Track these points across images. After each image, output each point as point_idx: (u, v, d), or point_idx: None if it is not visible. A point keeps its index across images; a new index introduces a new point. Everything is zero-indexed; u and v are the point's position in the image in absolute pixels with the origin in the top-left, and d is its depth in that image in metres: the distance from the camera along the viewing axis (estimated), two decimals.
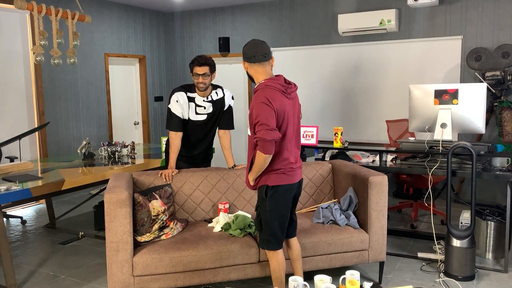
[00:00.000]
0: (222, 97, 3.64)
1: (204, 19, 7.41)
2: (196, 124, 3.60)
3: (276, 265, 2.72)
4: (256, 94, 2.53)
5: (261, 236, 2.73)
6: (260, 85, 2.55)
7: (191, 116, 3.56)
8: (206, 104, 3.57)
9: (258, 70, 2.59)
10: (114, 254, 2.81)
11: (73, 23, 4.41)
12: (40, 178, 3.68)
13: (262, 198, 2.66)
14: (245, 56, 2.60)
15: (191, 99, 3.54)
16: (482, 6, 5.40)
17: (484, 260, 3.75)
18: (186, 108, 3.52)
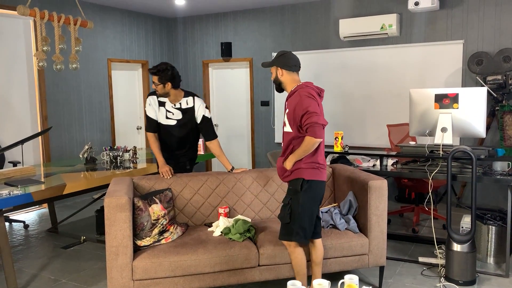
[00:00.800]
0: (192, 107, 3.62)
1: (206, 25, 7.46)
2: (167, 129, 3.65)
3: (299, 258, 2.85)
4: (296, 93, 2.75)
5: (288, 228, 2.80)
6: (299, 86, 2.78)
7: (162, 120, 3.64)
8: (175, 110, 3.62)
9: (294, 78, 2.86)
10: (114, 258, 2.82)
11: (75, 29, 4.45)
12: (42, 183, 3.71)
13: (295, 191, 2.77)
14: (285, 64, 2.82)
15: (162, 104, 3.63)
16: (483, 11, 5.41)
17: (485, 264, 3.74)
18: (157, 110, 3.63)
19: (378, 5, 6.01)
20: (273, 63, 2.87)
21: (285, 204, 2.81)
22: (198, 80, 7.67)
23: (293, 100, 2.76)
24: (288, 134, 2.81)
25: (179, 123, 3.64)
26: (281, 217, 2.84)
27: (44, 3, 5.61)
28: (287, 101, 2.82)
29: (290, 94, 2.81)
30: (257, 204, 3.60)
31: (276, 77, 2.87)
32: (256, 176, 3.64)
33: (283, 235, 2.85)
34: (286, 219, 2.79)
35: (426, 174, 3.70)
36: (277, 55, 2.87)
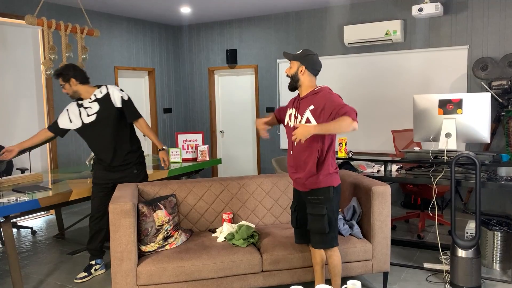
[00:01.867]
0: (106, 93, 3.64)
1: (211, 32, 7.52)
2: (92, 127, 3.62)
3: (339, 260, 2.87)
4: (322, 93, 2.76)
5: (328, 236, 2.78)
6: (323, 88, 2.80)
7: (85, 120, 3.63)
8: (92, 104, 3.63)
9: (313, 80, 2.85)
10: (118, 264, 2.85)
11: (82, 38, 4.52)
12: (49, 189, 3.76)
13: (327, 199, 2.76)
14: (312, 66, 2.80)
15: (80, 105, 3.65)
16: (487, 16, 5.41)
17: (491, 270, 3.71)
18: (77, 114, 3.63)
19: (382, 11, 6.03)
20: (299, 59, 2.79)
21: (321, 214, 2.73)
22: (204, 87, 7.73)
23: (320, 98, 2.72)
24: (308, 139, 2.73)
25: (99, 115, 3.59)
26: (318, 228, 2.75)
27: (51, 12, 5.70)
28: (307, 99, 2.77)
29: (311, 93, 2.78)
30: (261, 210, 3.62)
31: (296, 73, 2.80)
32: (261, 182, 3.66)
33: (324, 244, 2.80)
34: (326, 229, 2.75)
35: (430, 179, 3.69)
36: (304, 53, 2.80)
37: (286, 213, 3.66)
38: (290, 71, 2.84)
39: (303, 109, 2.79)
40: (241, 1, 6.03)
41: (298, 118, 2.81)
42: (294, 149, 2.83)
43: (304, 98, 2.81)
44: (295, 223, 2.98)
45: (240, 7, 6.37)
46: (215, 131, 7.77)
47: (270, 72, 7.05)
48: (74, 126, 3.67)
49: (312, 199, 2.78)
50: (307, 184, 2.79)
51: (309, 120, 2.74)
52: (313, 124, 2.63)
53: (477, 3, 5.46)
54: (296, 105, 2.86)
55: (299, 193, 2.92)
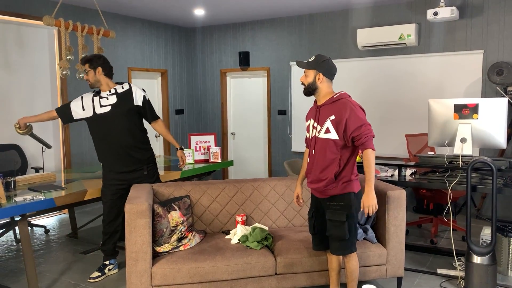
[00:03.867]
0: (128, 89, 3.67)
1: (224, 34, 7.55)
2: (103, 119, 3.58)
3: (357, 265, 2.86)
4: (342, 101, 2.72)
5: (346, 243, 2.76)
6: (343, 95, 2.76)
7: (97, 110, 3.59)
8: (109, 96, 3.63)
9: (330, 86, 2.82)
10: (133, 264, 2.87)
11: (98, 39, 4.56)
12: (64, 189, 3.79)
13: (348, 205, 2.74)
14: (328, 71, 2.77)
15: (96, 94, 3.66)
16: (503, 20, 5.36)
17: (506, 278, 3.67)
18: (90, 104, 3.61)
19: (396, 15, 6.01)
20: (314, 66, 2.75)
21: (342, 221, 2.71)
22: (216, 89, 7.75)
23: (341, 108, 2.68)
24: (329, 141, 2.71)
25: (114, 109, 3.57)
26: (338, 235, 2.73)
27: (67, 13, 5.76)
28: (327, 107, 2.74)
29: (332, 101, 2.74)
30: (274, 212, 3.62)
31: (313, 81, 2.76)
32: (274, 185, 3.66)
33: (344, 250, 2.78)
34: (346, 236, 2.72)
35: (445, 184, 3.66)
36: (318, 60, 2.75)
37: (299, 216, 3.66)
38: (306, 80, 2.78)
39: (323, 118, 2.75)
40: (254, 4, 6.04)
41: (318, 128, 2.77)
42: (315, 161, 2.79)
43: (323, 106, 2.77)
44: (312, 230, 2.92)
45: (253, 9, 6.39)
46: (226, 133, 7.79)
47: (283, 74, 7.05)
48: (84, 115, 3.63)
49: (333, 205, 2.75)
50: (327, 191, 2.76)
51: (329, 130, 2.71)
52: (368, 190, 2.64)
53: (493, 7, 5.41)
54: (315, 115, 2.81)
55: (317, 200, 2.88)
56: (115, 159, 3.64)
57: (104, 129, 3.60)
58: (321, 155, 2.75)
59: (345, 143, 2.70)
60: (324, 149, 2.73)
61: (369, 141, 2.63)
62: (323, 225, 2.86)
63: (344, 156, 2.73)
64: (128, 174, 3.68)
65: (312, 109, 2.91)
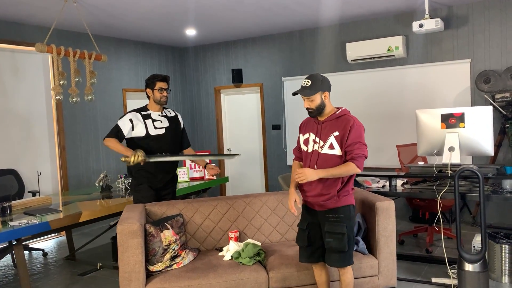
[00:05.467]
0: (175, 115, 3.92)
1: (217, 52, 7.67)
2: (155, 138, 3.71)
3: (352, 278, 2.88)
4: (346, 117, 2.78)
5: (346, 254, 2.78)
6: (344, 111, 2.82)
7: (151, 131, 3.70)
8: (162, 118, 3.80)
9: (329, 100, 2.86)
10: (127, 284, 2.90)
11: (90, 63, 4.66)
12: (59, 211, 3.84)
13: (348, 217, 2.78)
14: (329, 87, 2.82)
15: (147, 116, 3.75)
16: (488, 30, 5.47)
17: (500, 284, 3.69)
18: (141, 125, 3.69)
19: (384, 28, 6.12)
20: (318, 89, 2.73)
21: (342, 233, 2.72)
22: (210, 106, 7.84)
23: (345, 124, 2.73)
24: (333, 157, 2.73)
25: (168, 130, 3.78)
26: (338, 247, 2.73)
27: (61, 39, 5.88)
28: (330, 123, 2.77)
29: (335, 117, 2.78)
30: (267, 227, 3.66)
31: (321, 102, 2.76)
32: (266, 200, 3.71)
33: (343, 262, 2.78)
34: (346, 247, 2.74)
35: (435, 194, 3.71)
36: (317, 80, 2.75)
37: (292, 230, 3.69)
38: (313, 104, 2.76)
39: (326, 134, 2.76)
40: (245, 23, 6.16)
41: (320, 143, 2.77)
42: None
43: (326, 122, 2.79)
44: (305, 242, 2.89)
45: (244, 28, 6.51)
46: (222, 150, 7.85)
47: (276, 90, 7.15)
48: (136, 134, 3.69)
49: (332, 217, 2.75)
50: (326, 205, 2.78)
51: (333, 146, 2.73)
52: (320, 170, 2.69)
53: (478, 18, 5.52)
54: (317, 130, 2.82)
55: (313, 212, 2.87)
56: (157, 175, 3.76)
57: (155, 148, 3.72)
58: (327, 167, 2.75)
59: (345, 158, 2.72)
60: (327, 165, 2.74)
61: (360, 159, 2.68)
62: (316, 237, 2.87)
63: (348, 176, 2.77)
64: (162, 190, 3.85)
65: (310, 123, 2.88)
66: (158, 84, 3.72)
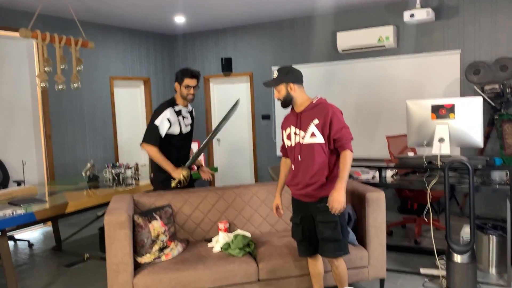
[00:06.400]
0: (192, 110, 3.82)
1: (206, 41, 7.56)
2: (185, 136, 3.67)
3: (345, 268, 2.88)
4: (323, 105, 2.80)
5: (341, 243, 2.76)
6: (320, 100, 2.84)
7: (183, 129, 3.63)
8: (188, 115, 3.71)
9: (303, 90, 2.88)
10: (114, 276, 2.86)
11: (76, 50, 4.54)
12: (45, 202, 3.76)
13: None
14: (296, 78, 2.83)
15: (179, 113, 3.62)
16: (479, 21, 5.46)
17: (487, 275, 3.72)
18: (177, 123, 3.57)
19: (375, 18, 6.08)
20: (282, 80, 2.79)
21: (335, 221, 2.70)
22: (199, 95, 7.75)
23: (323, 111, 2.74)
24: (316, 146, 2.72)
25: (191, 127, 3.77)
26: (332, 236, 2.72)
27: (46, 24, 5.73)
28: (308, 113, 2.77)
29: (312, 106, 2.79)
30: (256, 218, 3.63)
31: (287, 93, 2.80)
32: (256, 191, 3.67)
33: (339, 251, 2.77)
34: (340, 236, 2.73)
35: (425, 185, 3.71)
36: (283, 72, 2.80)
37: (282, 221, 3.67)
38: (280, 95, 2.82)
39: (305, 124, 2.77)
40: (235, 10, 6.07)
41: (301, 134, 2.77)
42: (302, 167, 2.77)
43: (304, 112, 2.80)
44: (300, 236, 2.87)
45: (234, 15, 6.42)
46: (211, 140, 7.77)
47: (265, 79, 7.07)
48: (170, 132, 3.55)
49: (323, 206, 2.72)
50: (315, 194, 2.76)
51: (315, 134, 2.72)
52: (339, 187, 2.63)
53: (468, 8, 5.51)
54: (296, 122, 2.82)
55: (304, 205, 2.84)
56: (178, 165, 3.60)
57: (183, 146, 3.71)
58: (309, 160, 2.74)
59: (329, 145, 2.73)
60: (311, 154, 2.73)
61: (348, 143, 2.72)
62: (311, 230, 2.84)
63: (332, 159, 2.76)
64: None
65: (289, 117, 2.90)
66: (186, 81, 3.54)
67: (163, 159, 3.49)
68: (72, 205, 3.74)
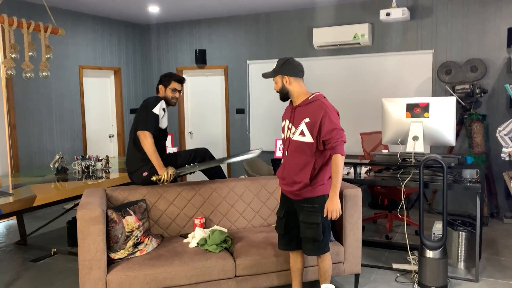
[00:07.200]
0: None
1: (180, 32, 7.42)
2: (166, 131, 3.65)
3: (330, 264, 2.88)
4: (318, 103, 2.72)
5: (321, 243, 2.77)
6: (318, 96, 2.77)
7: (166, 124, 3.61)
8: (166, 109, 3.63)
9: (302, 84, 2.82)
10: (87, 272, 2.76)
11: (46, 36, 4.35)
12: (11, 195, 3.59)
13: (323, 207, 2.72)
14: (292, 71, 2.76)
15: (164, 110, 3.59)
16: (451, 22, 5.58)
17: (456, 270, 3.83)
18: (166, 116, 3.57)
19: (351, 15, 6.12)
20: (278, 72, 2.77)
21: (316, 223, 2.70)
22: None
23: (316, 111, 2.69)
24: (303, 144, 2.70)
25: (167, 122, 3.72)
26: (312, 236, 2.73)
27: (13, 9, 5.46)
28: (302, 109, 2.74)
29: (307, 102, 2.75)
30: (233, 214, 3.59)
31: (282, 86, 2.78)
32: (233, 186, 3.63)
33: (317, 251, 2.79)
34: (320, 237, 2.73)
35: (399, 182, 3.77)
36: (280, 64, 2.77)
37: (258, 217, 3.65)
38: (277, 87, 2.80)
39: (297, 120, 2.74)
40: (210, 1, 5.97)
41: (292, 130, 2.76)
42: (288, 163, 2.77)
43: (299, 107, 2.77)
44: (283, 230, 2.88)
45: (209, 7, 6.31)
46: (184, 132, 7.67)
47: (240, 73, 7.02)
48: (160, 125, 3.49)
49: (306, 207, 2.72)
50: (301, 194, 2.75)
51: (303, 133, 2.70)
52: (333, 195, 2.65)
53: (441, 10, 5.62)
54: (290, 116, 2.79)
55: (289, 200, 2.84)
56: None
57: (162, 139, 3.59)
58: (295, 158, 2.73)
59: (318, 146, 2.69)
60: (298, 152, 2.72)
61: (339, 146, 2.65)
62: (293, 225, 2.84)
63: (319, 161, 2.72)
64: None
65: (288, 110, 2.87)
66: (173, 84, 3.52)
67: (155, 152, 3.37)
68: (41, 199, 3.59)
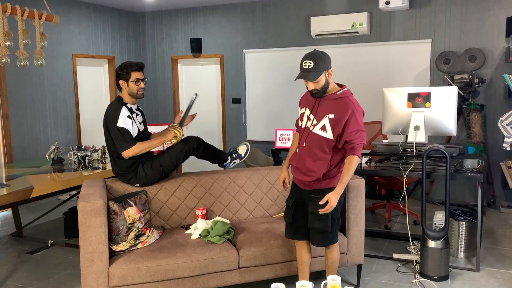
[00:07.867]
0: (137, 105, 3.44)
1: (175, 20, 7.30)
2: (141, 134, 3.34)
3: (338, 255, 2.88)
4: (346, 100, 2.63)
5: (329, 235, 2.74)
6: (346, 93, 2.69)
7: (140, 128, 3.32)
8: (138, 112, 3.39)
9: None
10: (88, 265, 2.71)
11: (40, 24, 4.24)
12: (6, 186, 3.52)
13: None
14: (330, 63, 2.64)
15: (132, 111, 3.27)
16: (450, 11, 5.55)
17: (456, 259, 3.84)
18: (134, 124, 3.26)
19: (349, 3, 6.06)
20: (323, 69, 2.58)
21: (325, 214, 2.65)
22: (167, 77, 7.51)
23: (342, 108, 2.59)
24: (322, 139, 2.64)
25: (145, 125, 3.43)
26: (321, 227, 2.69)
27: None
28: (328, 103, 2.64)
29: (335, 97, 2.64)
30: (234, 204, 3.55)
31: (326, 81, 2.62)
32: (234, 177, 3.59)
33: (325, 242, 2.77)
34: (329, 228, 2.70)
35: (401, 172, 3.75)
36: (321, 59, 2.58)
37: (260, 208, 3.61)
38: (318, 85, 2.61)
39: (321, 113, 2.65)
40: None
41: (313, 122, 2.68)
42: (304, 154, 2.71)
43: (324, 100, 2.67)
44: (291, 219, 2.84)
45: None
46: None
47: (236, 62, 6.94)
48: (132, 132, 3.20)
49: (316, 198, 2.68)
50: (313, 185, 2.72)
51: (325, 128, 2.62)
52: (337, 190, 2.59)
53: None
54: (313, 106, 2.71)
55: (300, 190, 2.81)
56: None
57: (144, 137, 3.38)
58: (312, 151, 2.68)
59: (337, 144, 2.64)
60: (315, 146, 2.66)
61: (358, 149, 2.59)
62: (302, 215, 2.82)
63: (336, 157, 2.68)
64: None
65: (309, 97, 2.75)
66: (134, 75, 3.19)
67: (150, 142, 3.24)
68: (38, 190, 3.52)
